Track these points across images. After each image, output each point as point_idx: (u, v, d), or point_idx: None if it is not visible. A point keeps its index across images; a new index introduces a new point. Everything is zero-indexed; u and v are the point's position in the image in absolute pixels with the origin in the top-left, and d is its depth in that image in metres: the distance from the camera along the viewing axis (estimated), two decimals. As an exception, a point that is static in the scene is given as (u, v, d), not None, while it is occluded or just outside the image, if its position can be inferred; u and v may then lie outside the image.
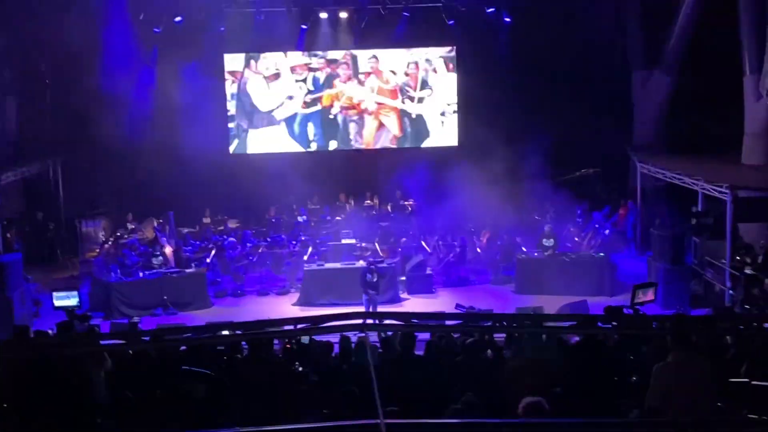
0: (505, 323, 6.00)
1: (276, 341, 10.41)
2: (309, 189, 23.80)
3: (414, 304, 18.85)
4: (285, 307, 18.82)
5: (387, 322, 5.86)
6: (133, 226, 22.94)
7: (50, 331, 11.18)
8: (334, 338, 10.47)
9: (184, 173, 22.77)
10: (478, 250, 21.74)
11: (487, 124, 22.73)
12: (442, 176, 22.32)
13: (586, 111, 23.23)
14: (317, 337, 10.09)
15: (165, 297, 18.73)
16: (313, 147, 25.57)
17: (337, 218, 23.56)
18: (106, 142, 22.40)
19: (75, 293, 14.33)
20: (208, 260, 20.93)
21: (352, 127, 25.74)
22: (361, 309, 16.63)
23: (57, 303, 14.48)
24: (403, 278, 20.10)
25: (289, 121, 25.56)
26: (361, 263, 19.25)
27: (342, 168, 24.83)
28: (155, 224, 22.51)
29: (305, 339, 8.99)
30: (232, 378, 7.79)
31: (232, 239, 21.86)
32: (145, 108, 24.04)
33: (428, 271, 20.05)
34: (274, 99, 25.48)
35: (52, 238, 24.06)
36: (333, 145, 25.69)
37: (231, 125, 25.57)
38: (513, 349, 8.74)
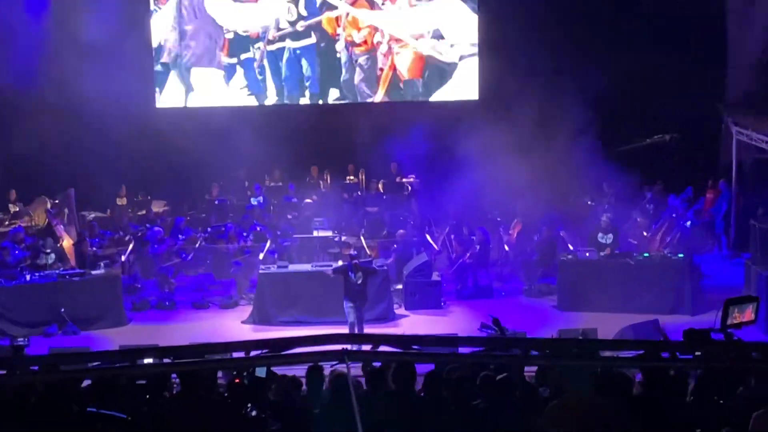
0: (542, 352, 5.99)
1: (220, 374, 10.42)
2: (267, 159, 23.83)
3: (414, 323, 18.86)
4: (232, 325, 18.82)
5: (377, 348, 5.86)
6: (17, 209, 22.91)
7: None
8: (301, 370, 10.42)
9: (90, 136, 22.74)
10: (506, 248, 21.79)
11: (518, 72, 22.77)
12: (455, 143, 22.32)
13: (658, 53, 23.26)
14: (278, 369, 10.07)
15: (62, 310, 18.71)
16: (305, 97, 25.55)
17: (307, 200, 23.68)
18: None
19: None
20: (123, 258, 20.93)
21: (357, 73, 25.72)
22: (341, 330, 16.63)
23: None
24: (399, 286, 20.13)
25: (272, 58, 25.51)
26: (340, 264, 19.27)
27: (315, 129, 24.86)
28: (48, 206, 22.50)
29: (261, 371, 8.99)
30: (157, 425, 7.78)
31: (157, 229, 21.86)
32: (35, 44, 23.95)
33: (435, 277, 20.07)
34: (246, 24, 25.44)
35: None
36: (334, 94, 25.68)
37: (158, 67, 25.56)
38: (552, 387, 8.74)
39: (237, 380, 9.01)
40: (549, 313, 19.34)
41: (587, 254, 19.99)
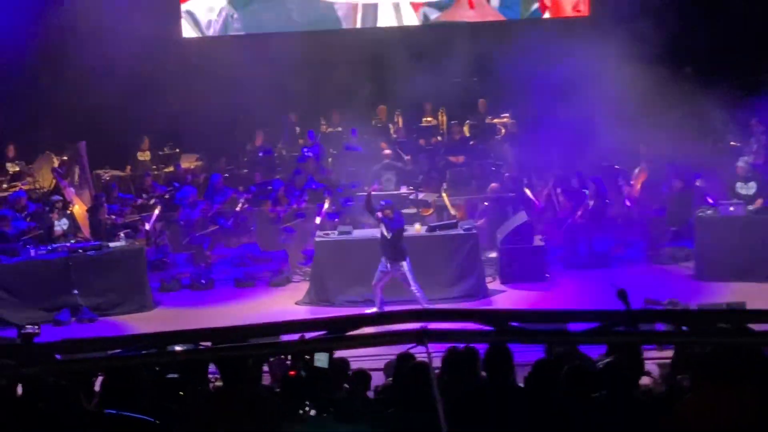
0: (678, 327, 5.87)
1: (268, 365, 10.42)
2: (323, 98, 23.83)
3: (511, 300, 18.82)
4: (283, 307, 18.89)
5: (464, 326, 5.79)
6: (18, 169, 23.22)
7: None
8: (373, 360, 10.25)
9: (104, 75, 22.90)
10: (627, 203, 21.59)
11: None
12: (559, 72, 22.13)
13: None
14: (342, 356, 10.04)
15: (75, 292, 18.94)
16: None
17: (386, 151, 23.57)
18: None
19: None
20: (147, 226, 21.11)
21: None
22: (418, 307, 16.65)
23: None
24: (493, 254, 20.08)
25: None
26: (418, 228, 19.24)
27: (381, 58, 24.71)
28: (55, 164, 22.76)
29: (321, 359, 8.95)
30: (191, 428, 7.81)
31: (188, 189, 22.00)
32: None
33: (538, 242, 19.98)
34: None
35: None
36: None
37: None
38: (693, 374, 8.61)
39: (292, 372, 8.99)
40: (684, 283, 19.15)
41: (731, 209, 19.67)
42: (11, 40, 23.29)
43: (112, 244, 19.74)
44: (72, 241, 19.75)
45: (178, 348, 6.90)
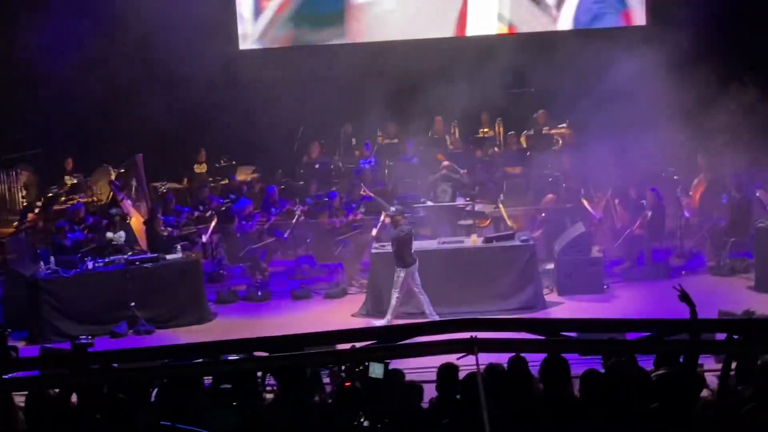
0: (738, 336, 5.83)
1: (325, 374, 10.41)
2: (380, 110, 23.86)
3: (569, 312, 18.70)
4: (340, 318, 18.86)
5: (516, 336, 5.78)
6: (75, 181, 23.41)
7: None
8: (427, 372, 10.25)
9: (161, 88, 23.05)
10: (686, 214, 21.43)
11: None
12: (617, 82, 22.01)
13: None
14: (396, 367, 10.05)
15: (132, 304, 19.05)
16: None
17: (444, 162, 23.50)
18: (26, 38, 22.86)
19: None
20: (204, 238, 21.22)
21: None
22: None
23: None
24: (550, 266, 20.00)
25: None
26: (474, 240, 19.22)
27: (438, 70, 24.72)
28: (112, 177, 22.92)
29: (377, 370, 8.91)
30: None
31: (245, 201, 22.08)
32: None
33: (595, 253, 19.89)
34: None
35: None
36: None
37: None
38: (757, 384, 8.52)
39: (347, 384, 8.97)
40: (744, 295, 18.94)
41: (792, 218, 19.58)
42: (69, 54, 23.55)
43: (168, 257, 19.82)
44: (129, 254, 19.88)
45: (231, 357, 6.94)
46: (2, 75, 24.12)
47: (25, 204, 23.46)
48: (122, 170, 23.01)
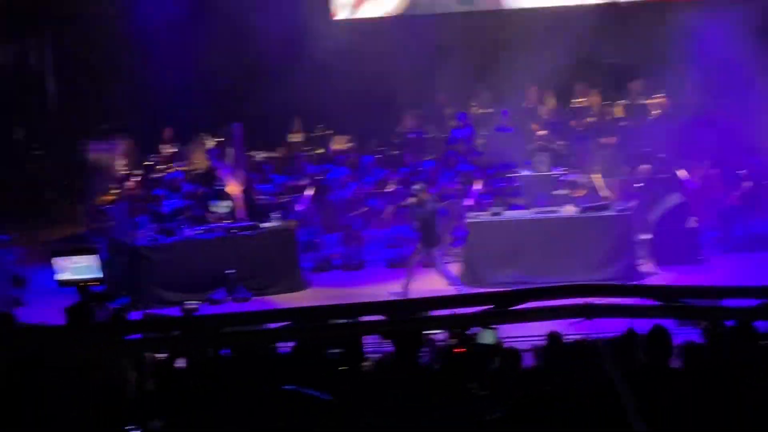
0: None
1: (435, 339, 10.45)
2: (473, 78, 23.82)
3: (665, 281, 18.55)
4: (435, 287, 18.92)
5: (629, 302, 5.82)
6: (174, 150, 23.67)
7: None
8: (518, 342, 10.25)
9: (256, 58, 23.22)
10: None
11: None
12: (716, 47, 21.77)
13: None
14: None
15: (229, 271, 19.32)
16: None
17: (539, 132, 23.44)
18: (126, 6, 23.16)
19: (93, 258, 14.56)
20: (300, 207, 21.37)
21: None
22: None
23: (62, 277, 14.78)
24: (646, 236, 19.90)
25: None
26: (569, 209, 19.19)
27: (533, 37, 24.54)
28: (210, 146, 23.13)
29: (487, 336, 8.93)
30: (362, 406, 7.96)
31: (340, 170, 22.20)
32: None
33: (692, 224, 19.74)
34: None
35: (39, 171, 25.20)
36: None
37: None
38: None
39: (459, 349, 8.98)
40: None
41: None
42: (168, 25, 23.82)
43: (264, 225, 20.06)
44: (226, 222, 20.12)
45: (339, 321, 7.02)
46: (101, 44, 24.42)
47: (124, 172, 23.72)
48: (219, 139, 23.21)
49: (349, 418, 7.46)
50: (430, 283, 19.18)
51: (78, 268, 14.43)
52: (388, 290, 18.35)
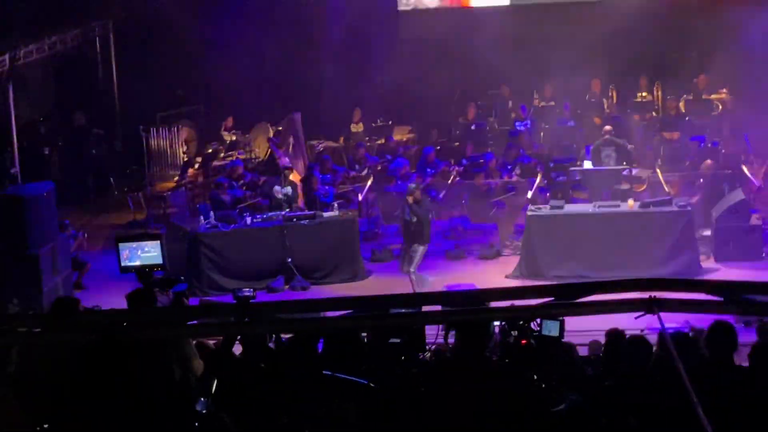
0: None
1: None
2: (534, 71, 23.76)
3: (728, 278, 18.32)
4: (493, 279, 18.91)
5: (692, 297, 5.78)
6: (235, 138, 23.81)
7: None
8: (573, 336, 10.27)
9: (320, 47, 23.28)
10: None
11: None
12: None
13: None
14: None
15: (289, 260, 19.39)
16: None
17: (606, 127, 23.31)
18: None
19: (156, 244, 14.61)
20: (360, 197, 21.43)
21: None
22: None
23: (126, 263, 14.75)
24: (707, 232, 19.78)
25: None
26: (631, 204, 19.10)
27: (594, 28, 24.40)
28: (271, 134, 23.25)
29: (552, 327, 8.91)
30: (408, 396, 7.88)
31: (401, 161, 22.21)
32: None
33: (754, 221, 19.58)
34: None
35: (102, 157, 25.44)
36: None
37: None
38: None
39: (524, 342, 8.97)
40: None
41: None
42: (232, 14, 23.99)
43: (325, 214, 20.07)
44: (287, 210, 20.19)
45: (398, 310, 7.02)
46: (164, 32, 24.59)
47: (185, 159, 23.94)
48: (280, 128, 23.31)
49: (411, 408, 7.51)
50: (489, 276, 19.24)
51: (142, 254, 14.49)
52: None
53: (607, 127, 22.52)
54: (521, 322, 8.74)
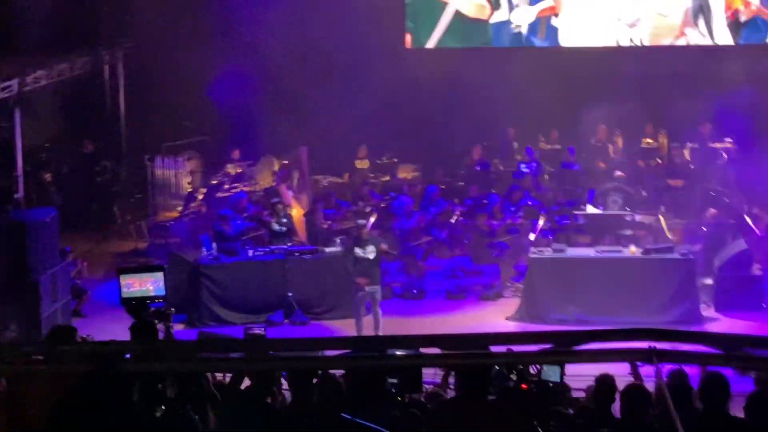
0: None
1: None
2: (542, 114, 23.83)
3: (727, 328, 18.39)
4: (494, 321, 18.87)
5: (693, 348, 5.79)
6: (240, 170, 23.82)
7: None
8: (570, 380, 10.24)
9: (325, 83, 23.33)
10: None
11: None
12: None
13: None
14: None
15: (289, 294, 19.37)
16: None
17: (617, 173, 23.33)
18: (199, 27, 23.40)
19: (159, 275, 14.45)
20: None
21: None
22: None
23: (127, 294, 14.59)
24: (709, 281, 19.74)
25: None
26: (633, 250, 19.09)
27: (604, 76, 24.54)
28: (276, 168, 23.26)
29: (551, 373, 8.89)
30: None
31: (405, 199, 22.24)
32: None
33: (756, 271, 19.56)
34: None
35: (106, 185, 25.47)
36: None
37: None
38: None
39: (524, 386, 8.96)
40: None
41: None
42: (237, 47, 24.09)
43: (327, 249, 20.07)
44: (289, 244, 20.18)
45: (398, 352, 7.02)
46: (173, 62, 24.67)
47: (189, 190, 23.96)
48: (286, 162, 23.36)
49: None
50: (489, 317, 19.21)
51: (143, 286, 14.44)
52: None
53: (619, 173, 22.56)
54: (520, 366, 8.76)
